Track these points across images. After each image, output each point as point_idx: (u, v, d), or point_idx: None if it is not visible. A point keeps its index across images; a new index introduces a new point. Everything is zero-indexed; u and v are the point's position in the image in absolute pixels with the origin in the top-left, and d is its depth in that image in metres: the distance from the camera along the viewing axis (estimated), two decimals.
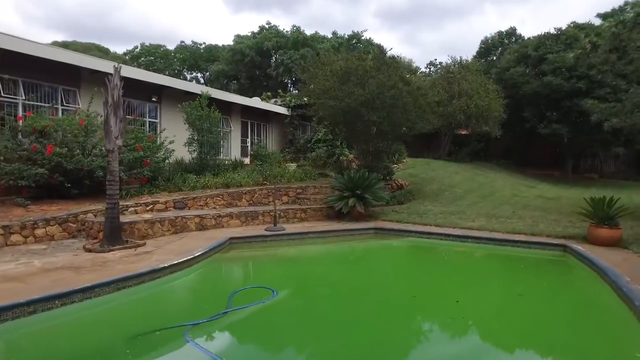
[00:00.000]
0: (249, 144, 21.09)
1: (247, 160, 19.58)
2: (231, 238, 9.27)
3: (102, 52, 32.57)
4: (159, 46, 36.46)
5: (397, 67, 13.62)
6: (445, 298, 6.39)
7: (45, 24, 62.59)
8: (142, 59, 35.59)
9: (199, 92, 14.85)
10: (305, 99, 13.99)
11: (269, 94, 23.96)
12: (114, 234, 8.01)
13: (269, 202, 12.86)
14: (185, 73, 40.89)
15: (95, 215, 9.31)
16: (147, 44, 36.46)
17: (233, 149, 19.69)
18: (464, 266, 8.74)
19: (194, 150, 14.64)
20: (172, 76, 38.42)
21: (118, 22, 65.85)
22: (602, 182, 23.78)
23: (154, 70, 36.82)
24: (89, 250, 7.67)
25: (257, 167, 15.88)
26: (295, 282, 7.48)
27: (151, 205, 10.56)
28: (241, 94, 23.36)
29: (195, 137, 14.56)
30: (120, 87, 8.39)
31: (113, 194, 8.01)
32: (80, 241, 8.54)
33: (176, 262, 6.81)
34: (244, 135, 20.80)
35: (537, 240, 8.67)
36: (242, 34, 35.71)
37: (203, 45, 39.33)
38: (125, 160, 10.99)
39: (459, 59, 23.60)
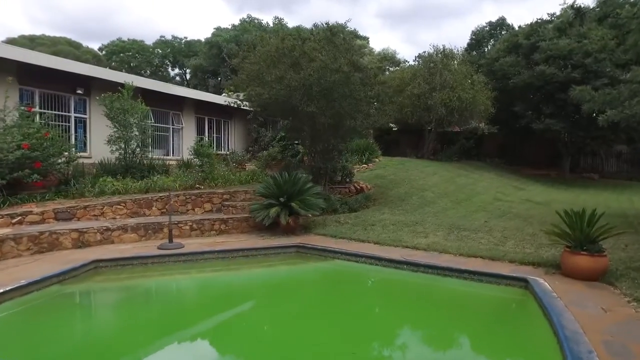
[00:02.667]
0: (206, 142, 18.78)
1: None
2: (96, 261, 7.00)
3: (73, 47, 30.64)
4: (136, 41, 34.17)
5: (347, 48, 11.19)
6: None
7: (51, 27, 61.33)
8: (121, 54, 33.40)
9: (125, 82, 12.54)
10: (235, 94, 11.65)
11: (232, 87, 21.62)
12: None
13: (188, 210, 10.56)
14: (170, 70, 38.76)
15: None
16: (125, 39, 34.27)
17: (185, 148, 17.41)
18: (382, 309, 6.31)
19: (117, 149, 12.40)
20: (153, 73, 36.31)
21: (119, 24, 64.30)
22: (602, 183, 21.08)
23: (132, 68, 34.69)
24: None
25: (196, 168, 13.59)
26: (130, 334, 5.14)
27: (19, 217, 8.31)
28: (220, 91, 21.12)
29: (119, 134, 12.33)
30: None
31: None
32: None
33: None
34: (200, 132, 18.52)
35: (492, 272, 6.19)
36: (223, 26, 33.36)
37: (184, 40, 37.03)
38: (6, 161, 8.84)
39: (441, 47, 21.01)
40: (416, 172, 16.86)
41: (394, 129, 29.48)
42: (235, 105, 12.44)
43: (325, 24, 12.27)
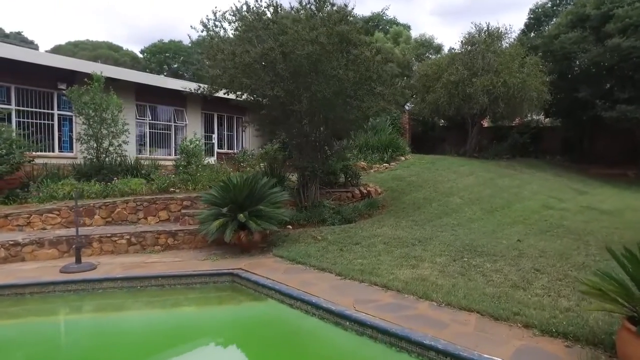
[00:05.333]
0: (215, 141, 17.05)
1: (212, 160, 15.57)
2: None
3: (113, 50, 30.82)
4: (174, 42, 33.52)
5: (337, 20, 8.58)
6: None
7: (127, 40, 64.92)
8: (158, 55, 32.99)
9: (93, 73, 10.95)
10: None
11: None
12: None
13: (139, 219, 8.64)
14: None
15: None
16: (166, 40, 33.97)
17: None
18: None
19: (87, 148, 10.89)
20: (195, 74, 35.65)
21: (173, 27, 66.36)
22: None
23: (172, 69, 34.31)
24: None
25: (180, 169, 11.75)
26: None
27: None
28: None
29: (90, 132, 10.81)
30: None
31: None
32: None
33: None
34: (208, 130, 16.80)
35: (480, 357, 3.41)
36: None
37: None
38: None
39: (485, 26, 17.46)
40: (446, 173, 13.75)
41: (440, 125, 26.06)
42: (191, 91, 10.19)
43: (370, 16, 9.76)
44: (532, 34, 22.57)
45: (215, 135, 17.02)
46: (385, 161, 14.75)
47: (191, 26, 8.88)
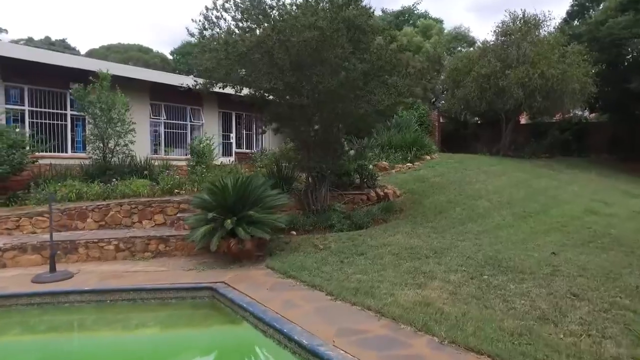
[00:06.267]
0: (233, 140, 16.51)
1: (228, 160, 15.06)
2: None
3: (143, 52, 31.19)
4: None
5: (342, 4, 7.64)
6: None
7: (159, 42, 66.82)
8: (187, 57, 33.11)
9: (99, 71, 10.57)
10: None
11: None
12: None
13: (134, 223, 8.09)
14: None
15: None
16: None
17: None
18: None
19: (94, 148, 10.55)
20: (227, 74, 35.70)
21: None
22: None
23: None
24: None
25: (193, 169, 11.23)
26: None
27: None
28: None
29: (96, 132, 10.46)
30: None
31: None
32: None
33: None
34: (225, 129, 16.28)
35: None
36: None
37: None
38: None
39: (521, 13, 15.88)
40: (475, 173, 12.48)
41: (473, 122, 24.43)
42: (188, 87, 9.23)
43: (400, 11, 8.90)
44: (576, 22, 20.61)
45: (233, 135, 16.50)
46: (409, 161, 13.63)
47: (192, 19, 8.17)
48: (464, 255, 6.27)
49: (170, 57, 32.93)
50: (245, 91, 8.60)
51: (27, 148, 9.41)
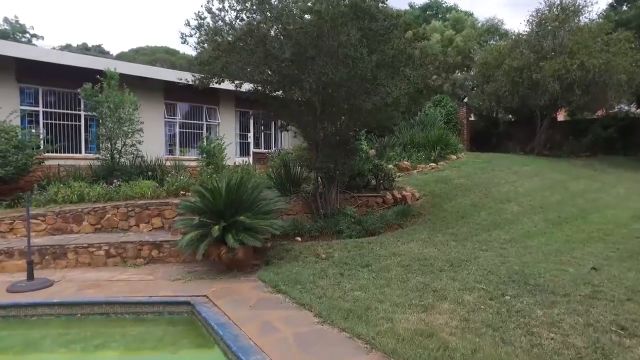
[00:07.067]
0: (250, 140, 16.03)
1: (242, 161, 14.60)
2: None
3: (169, 54, 31.48)
4: None
5: None
6: None
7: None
8: None
9: (107, 70, 10.27)
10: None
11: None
12: None
13: (131, 226, 7.65)
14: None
15: None
16: None
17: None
18: None
19: (103, 149, 10.28)
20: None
21: None
22: None
23: None
24: None
25: (203, 170, 10.79)
26: None
27: None
28: None
29: (104, 132, 10.19)
30: None
31: None
32: None
33: None
34: (243, 128, 15.81)
35: None
36: None
37: None
38: None
39: (558, 0, 14.47)
40: (504, 174, 11.37)
41: (505, 120, 22.92)
42: (187, 82, 8.54)
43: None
44: (625, 7, 18.69)
45: (250, 134, 16.01)
46: (433, 160, 12.66)
47: (195, 13, 7.61)
48: (484, 269, 5.38)
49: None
50: (248, 86, 7.98)
51: (35, 149, 9.24)
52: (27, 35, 28.62)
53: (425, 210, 8.80)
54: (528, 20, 15.39)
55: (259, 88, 7.76)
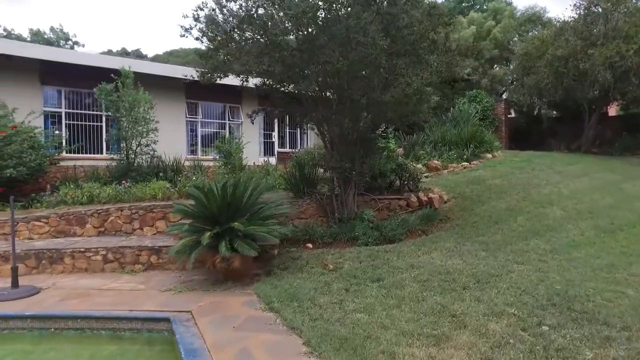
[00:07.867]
0: (275, 139, 15.51)
1: (263, 160, 14.11)
2: None
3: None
4: None
5: None
6: None
7: None
8: None
9: (122, 69, 10.01)
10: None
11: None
12: None
13: (135, 229, 7.26)
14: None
15: None
16: None
17: (245, 146, 14.41)
18: None
19: (118, 150, 10.07)
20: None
21: None
22: None
23: None
24: None
25: (219, 170, 10.38)
26: None
27: None
28: None
29: (118, 132, 9.96)
30: None
31: None
32: None
33: None
34: (268, 128, 15.32)
35: None
36: None
37: None
38: None
39: None
40: (546, 174, 10.14)
41: (549, 116, 21.16)
42: (193, 78, 7.91)
43: None
44: None
45: (275, 134, 15.51)
46: (465, 159, 11.60)
47: (202, 2, 7.10)
48: (518, 287, 4.48)
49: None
50: (255, 81, 7.41)
51: (56, 149, 9.12)
52: (70, 42, 29.69)
53: (454, 215, 7.87)
54: (575, 4, 13.90)
55: (265, 81, 7.17)
